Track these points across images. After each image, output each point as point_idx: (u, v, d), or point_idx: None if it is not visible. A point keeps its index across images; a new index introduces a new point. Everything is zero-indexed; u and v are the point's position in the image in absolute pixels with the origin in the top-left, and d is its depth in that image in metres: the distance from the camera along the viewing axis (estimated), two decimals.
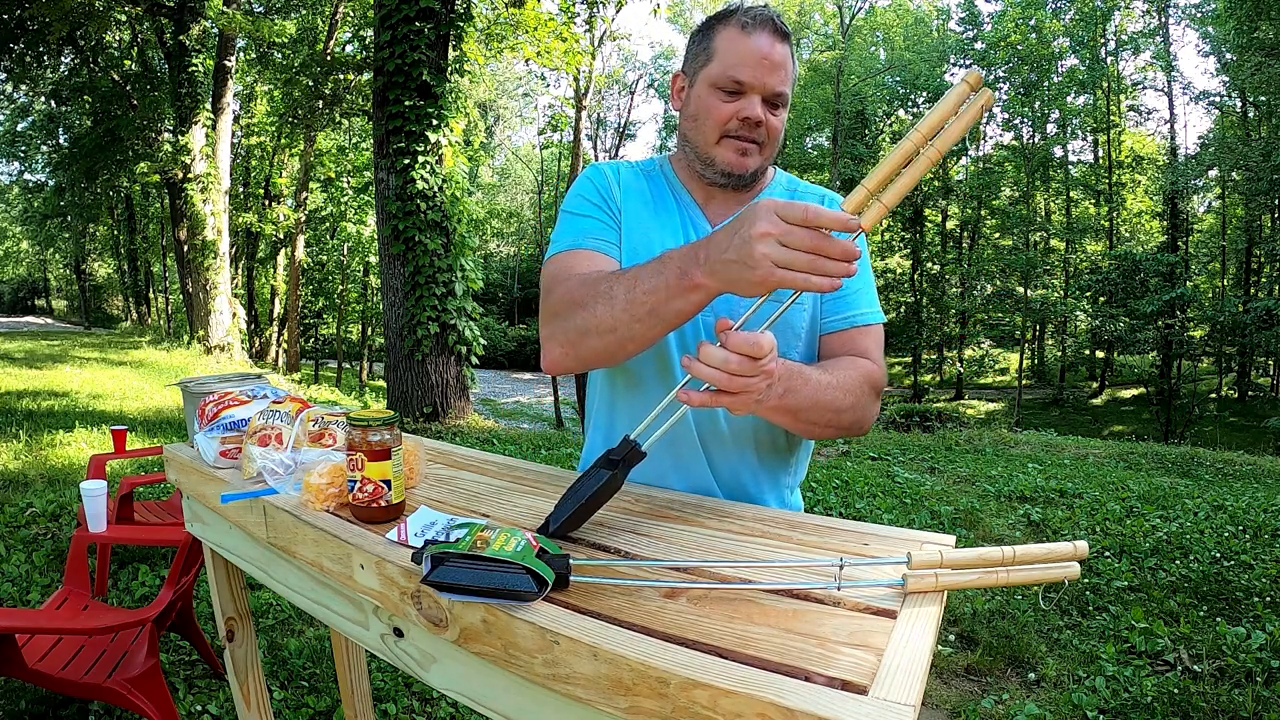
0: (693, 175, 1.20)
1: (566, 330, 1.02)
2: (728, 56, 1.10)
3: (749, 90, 1.09)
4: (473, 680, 0.85)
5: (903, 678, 0.61)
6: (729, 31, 1.11)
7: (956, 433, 8.72)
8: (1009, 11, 23.16)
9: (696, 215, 1.20)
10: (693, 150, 1.16)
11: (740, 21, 1.11)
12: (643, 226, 1.18)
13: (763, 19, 1.10)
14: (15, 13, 12.45)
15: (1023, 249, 23.48)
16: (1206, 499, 4.83)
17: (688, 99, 1.16)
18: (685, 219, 1.19)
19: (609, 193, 1.20)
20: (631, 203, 1.20)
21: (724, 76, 1.10)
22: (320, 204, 20.22)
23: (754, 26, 1.09)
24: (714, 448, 1.17)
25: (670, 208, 1.20)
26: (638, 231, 1.18)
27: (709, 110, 1.12)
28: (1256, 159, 17.85)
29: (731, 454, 1.18)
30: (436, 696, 2.38)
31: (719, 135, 1.12)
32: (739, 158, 1.12)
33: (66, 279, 37.20)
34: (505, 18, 10.35)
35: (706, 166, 1.15)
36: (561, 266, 1.12)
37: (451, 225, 7.61)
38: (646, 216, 1.19)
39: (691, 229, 1.18)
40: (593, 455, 1.28)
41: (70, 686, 1.83)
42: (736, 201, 1.19)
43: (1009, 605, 3.17)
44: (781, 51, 1.10)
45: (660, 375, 1.16)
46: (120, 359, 12.20)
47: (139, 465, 4.71)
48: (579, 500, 0.92)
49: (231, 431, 1.26)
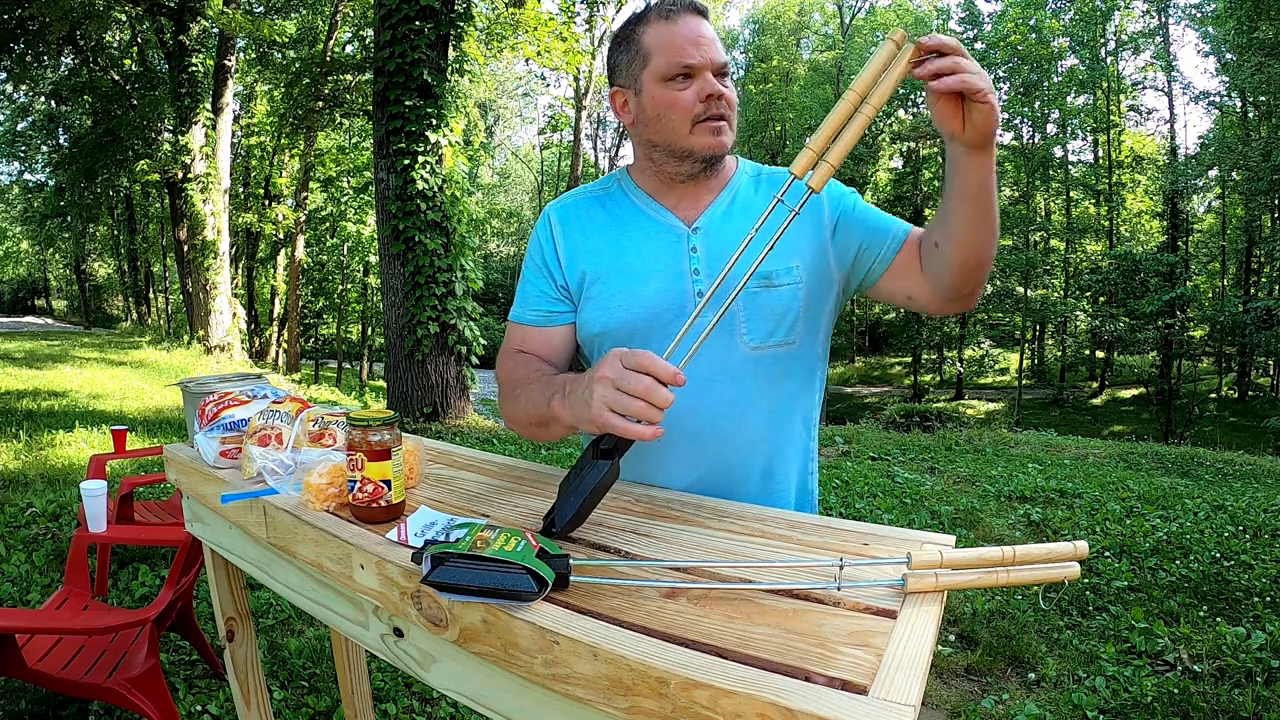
0: (659, 178, 1.20)
1: (502, 409, 1.20)
2: (665, 48, 1.10)
3: (699, 70, 1.10)
4: (473, 680, 0.85)
5: (903, 678, 0.61)
6: (654, 27, 1.12)
7: (956, 433, 8.72)
8: (1009, 11, 23.17)
9: (664, 215, 1.19)
10: (664, 151, 1.15)
11: (661, 13, 1.12)
12: (616, 251, 1.18)
13: (681, 3, 1.13)
14: (15, 12, 12.45)
15: (1023, 249, 23.48)
16: (1206, 499, 4.83)
17: (640, 106, 1.15)
18: (656, 225, 1.19)
19: (551, 251, 1.23)
20: (590, 240, 1.21)
21: (671, 67, 1.10)
22: (320, 204, 20.22)
23: (676, 12, 1.11)
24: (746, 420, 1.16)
25: (637, 220, 1.20)
26: (608, 258, 1.18)
27: (671, 103, 1.11)
28: (1256, 159, 17.86)
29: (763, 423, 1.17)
30: (436, 696, 2.38)
31: (690, 124, 1.11)
32: (716, 138, 1.12)
33: (66, 279, 37.21)
34: (505, 17, 10.36)
35: (684, 160, 1.14)
36: (509, 338, 1.28)
37: (451, 225, 7.61)
38: (614, 241, 1.19)
39: (666, 232, 1.18)
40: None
41: (70, 686, 1.83)
42: (706, 190, 1.19)
43: (1009, 605, 3.17)
44: (708, 27, 1.13)
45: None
46: (120, 359, 12.20)
47: (139, 465, 4.71)
48: (582, 495, 0.90)
49: (231, 431, 1.26)
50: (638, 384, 0.84)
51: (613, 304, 1.16)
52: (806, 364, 1.19)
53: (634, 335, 1.15)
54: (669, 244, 1.17)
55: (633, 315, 1.15)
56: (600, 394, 0.86)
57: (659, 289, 1.14)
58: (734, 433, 1.15)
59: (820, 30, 31.66)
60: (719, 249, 1.14)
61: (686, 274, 1.14)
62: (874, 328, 32.14)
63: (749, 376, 1.14)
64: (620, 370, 0.86)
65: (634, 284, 1.16)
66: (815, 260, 1.17)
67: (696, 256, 1.15)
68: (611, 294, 1.17)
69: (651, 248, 1.17)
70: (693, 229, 1.17)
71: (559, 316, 1.23)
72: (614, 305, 1.16)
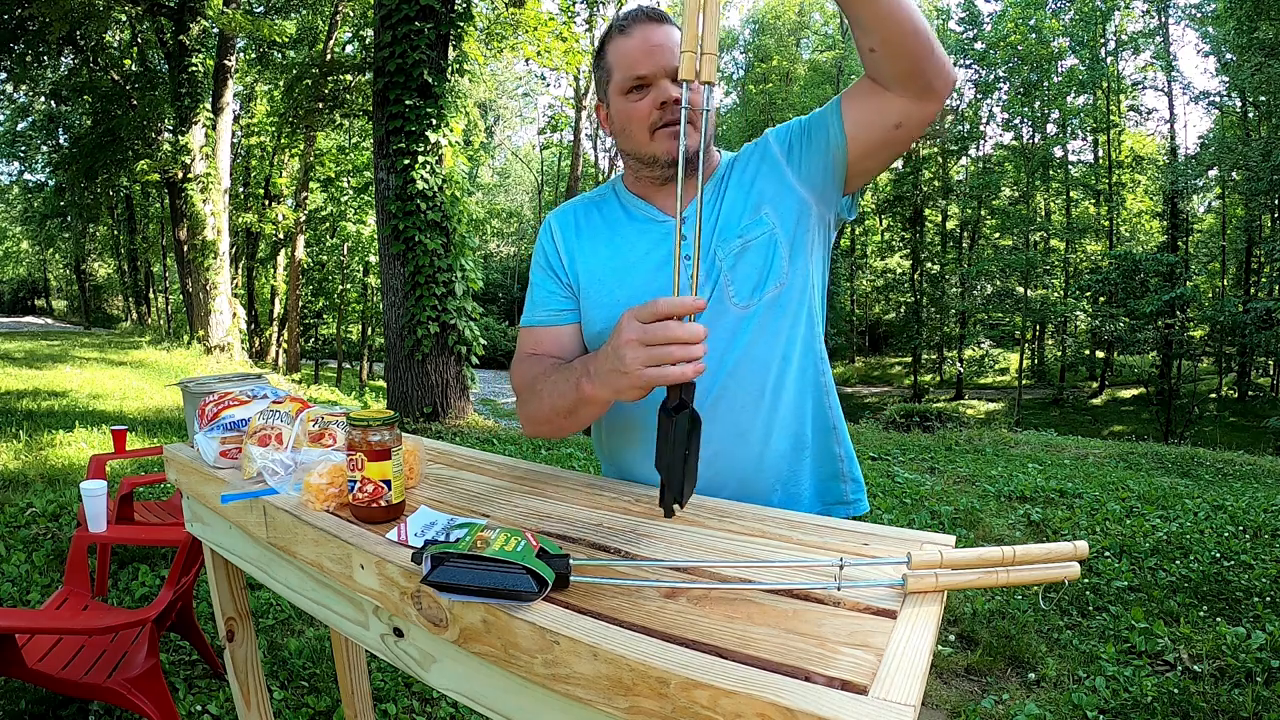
0: (643, 182, 1.25)
1: (523, 413, 1.21)
2: (621, 62, 1.16)
3: (652, 79, 1.14)
4: (473, 680, 0.85)
5: (903, 678, 0.61)
6: (613, 43, 1.18)
7: (956, 433, 8.73)
8: (1009, 11, 23.17)
9: (652, 212, 1.24)
10: (635, 159, 1.21)
11: (619, 28, 1.18)
12: (611, 250, 1.24)
13: (633, 16, 1.17)
14: (15, 13, 12.45)
15: (1023, 249, 23.48)
16: (1206, 499, 4.83)
17: (611, 119, 1.22)
18: (647, 222, 1.24)
19: (554, 253, 1.29)
20: (588, 242, 1.27)
21: (626, 80, 1.16)
22: (320, 204, 20.22)
23: (629, 25, 1.16)
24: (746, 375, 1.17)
25: (626, 223, 1.25)
26: (604, 258, 1.24)
27: (629, 115, 1.17)
28: (1256, 159, 17.86)
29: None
30: (436, 696, 2.38)
31: (649, 132, 1.16)
32: (674, 141, 1.15)
33: (66, 279, 37.21)
34: (505, 17, 10.36)
35: (651, 165, 1.19)
36: (521, 344, 1.31)
37: (451, 225, 7.61)
38: (609, 242, 1.25)
39: (656, 227, 1.22)
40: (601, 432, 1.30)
41: (70, 686, 1.83)
42: (692, 188, 1.21)
43: (1009, 605, 3.17)
44: (662, 33, 1.15)
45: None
46: (120, 359, 12.20)
47: (139, 465, 4.71)
48: (683, 459, 0.86)
49: (231, 431, 1.26)
50: (665, 332, 0.86)
51: (610, 300, 1.21)
52: (802, 295, 1.20)
53: None
54: (660, 237, 1.21)
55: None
56: (632, 357, 0.88)
57: (654, 279, 1.19)
58: (739, 389, 1.17)
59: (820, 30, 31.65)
60: (708, 231, 1.19)
61: (680, 262, 1.17)
62: (874, 328, 32.15)
63: (743, 334, 1.17)
64: (641, 329, 0.88)
65: (629, 279, 1.21)
66: (780, 197, 1.18)
67: (687, 243, 1.18)
68: (609, 290, 1.22)
69: (644, 244, 1.22)
70: (681, 220, 1.19)
71: (568, 314, 1.28)
72: (611, 301, 1.21)
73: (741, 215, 1.17)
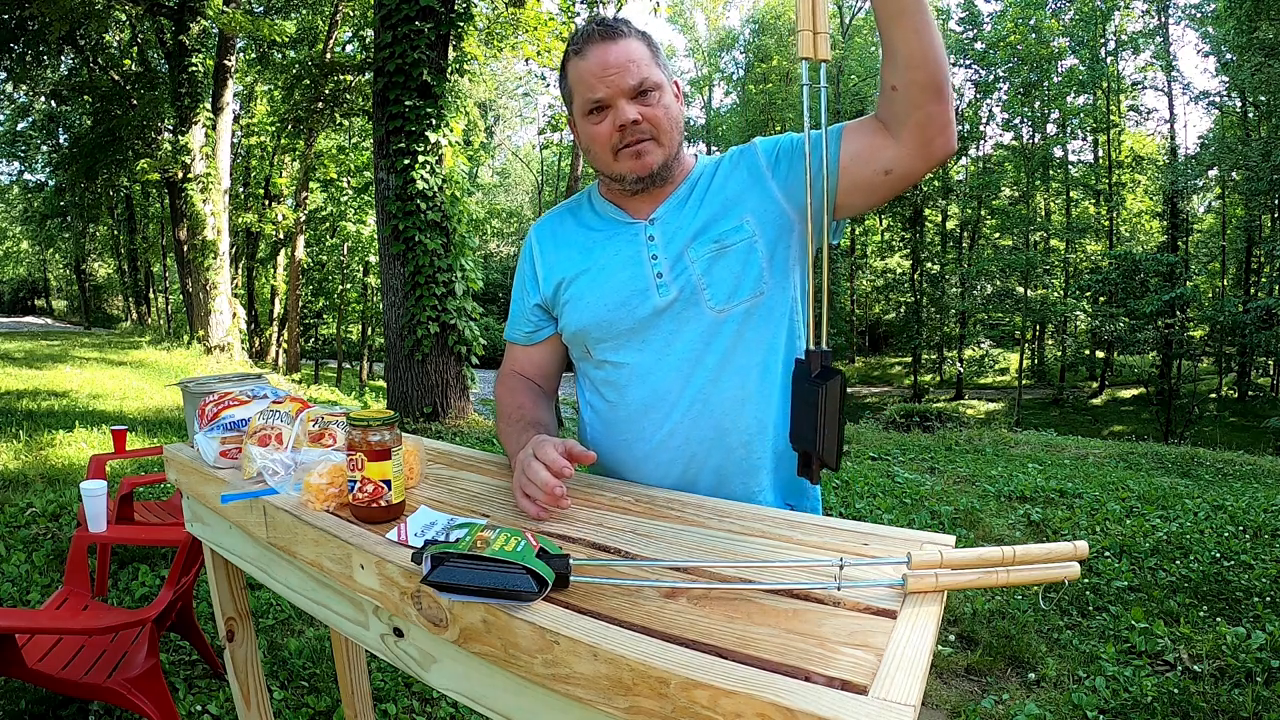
0: (614, 191, 1.28)
1: (497, 430, 1.32)
2: (579, 85, 1.17)
3: (609, 101, 1.15)
4: (473, 680, 0.85)
5: (903, 678, 0.61)
6: (571, 65, 1.19)
7: (956, 433, 8.73)
8: (1009, 11, 23.16)
9: (623, 216, 1.26)
10: (603, 176, 1.25)
11: (575, 49, 1.18)
12: (584, 254, 1.27)
13: (587, 34, 1.16)
14: (15, 12, 12.44)
15: (1023, 249, 23.47)
16: (1206, 499, 4.83)
17: (578, 138, 1.24)
18: (617, 226, 1.26)
19: (530, 272, 1.34)
20: (565, 249, 1.30)
21: (585, 104, 1.17)
22: (320, 204, 20.21)
23: (584, 45, 1.16)
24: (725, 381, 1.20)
25: (601, 225, 1.28)
26: (579, 262, 1.27)
27: (592, 137, 1.18)
28: (1256, 159, 17.86)
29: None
30: (436, 696, 2.38)
31: (611, 154, 1.18)
32: (637, 161, 1.17)
33: (66, 279, 37.20)
34: (505, 17, 10.36)
35: (620, 182, 1.22)
36: (504, 360, 1.41)
37: (451, 225, 7.61)
38: (583, 247, 1.28)
39: (624, 229, 1.25)
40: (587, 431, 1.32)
41: (70, 686, 1.83)
42: (664, 196, 1.24)
43: (1009, 605, 3.17)
44: (618, 51, 1.14)
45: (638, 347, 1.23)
46: (120, 359, 12.20)
47: (139, 465, 4.71)
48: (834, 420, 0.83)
49: (231, 431, 1.26)
50: (535, 478, 1.01)
51: (584, 303, 1.24)
52: (781, 308, 1.20)
53: (607, 326, 1.22)
54: (629, 239, 1.24)
55: (603, 309, 1.22)
56: (516, 477, 1.07)
57: (623, 280, 1.21)
58: (716, 394, 1.19)
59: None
60: (673, 232, 1.20)
61: (645, 261, 1.21)
62: (874, 328, 32.14)
63: (720, 338, 1.18)
64: (525, 462, 1.04)
65: (601, 280, 1.23)
66: (764, 208, 1.19)
67: (654, 244, 1.21)
68: (583, 293, 1.25)
69: (615, 246, 1.24)
70: (649, 220, 1.24)
71: (539, 333, 1.35)
72: (585, 304, 1.24)
73: (719, 219, 1.19)
